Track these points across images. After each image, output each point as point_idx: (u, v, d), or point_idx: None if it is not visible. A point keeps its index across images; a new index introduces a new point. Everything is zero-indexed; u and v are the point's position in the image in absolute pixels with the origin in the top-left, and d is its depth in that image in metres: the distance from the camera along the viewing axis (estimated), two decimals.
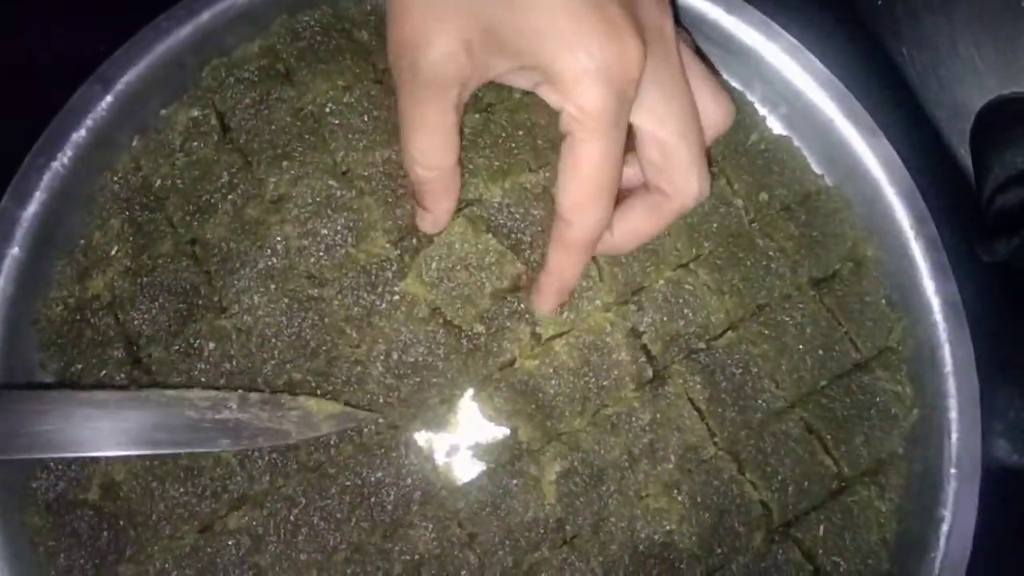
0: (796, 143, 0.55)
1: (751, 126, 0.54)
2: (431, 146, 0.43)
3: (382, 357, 0.48)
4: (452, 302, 0.49)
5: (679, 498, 0.48)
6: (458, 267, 0.48)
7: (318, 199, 0.49)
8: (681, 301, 0.50)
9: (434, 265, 0.48)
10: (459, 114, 0.42)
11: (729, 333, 0.51)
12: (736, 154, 0.53)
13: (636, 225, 0.45)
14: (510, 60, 0.40)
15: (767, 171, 0.54)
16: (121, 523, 0.46)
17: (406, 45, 0.40)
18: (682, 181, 0.43)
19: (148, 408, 0.44)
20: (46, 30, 0.55)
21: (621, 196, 0.45)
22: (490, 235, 0.49)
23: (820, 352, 0.51)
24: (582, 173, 0.40)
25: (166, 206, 0.49)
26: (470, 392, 0.49)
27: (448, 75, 0.40)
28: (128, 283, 0.48)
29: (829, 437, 0.50)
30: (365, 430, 0.47)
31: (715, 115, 0.45)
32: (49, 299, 0.48)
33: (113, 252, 0.48)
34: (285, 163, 0.49)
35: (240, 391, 0.46)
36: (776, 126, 0.56)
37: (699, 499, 0.48)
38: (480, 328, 0.49)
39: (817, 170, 0.55)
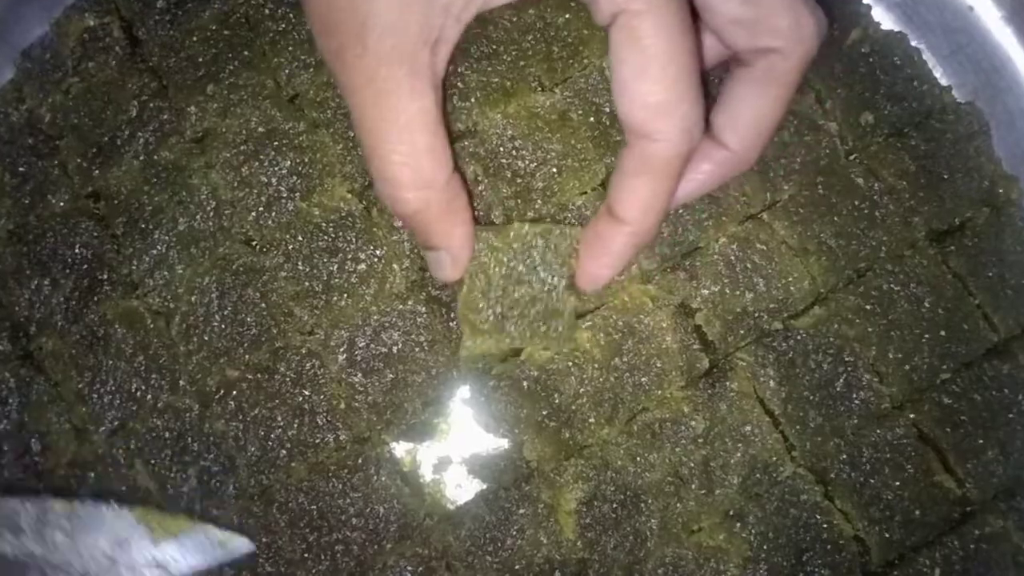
0: (914, 41, 0.48)
1: (850, 19, 0.46)
2: (415, 153, 0.35)
3: (344, 347, 0.42)
4: None
5: (743, 533, 0.42)
6: None
7: (256, 135, 0.43)
8: (749, 266, 0.44)
9: None
10: (440, 93, 0.35)
11: (816, 309, 0.44)
12: (828, 59, 0.45)
13: (754, 115, 0.37)
14: None
15: (872, 82, 0.46)
16: None
17: (341, 7, 0.32)
18: (789, 22, 0.35)
19: None
20: None
21: None
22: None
23: (941, 333, 0.44)
24: (653, 58, 0.33)
25: (59, 149, 0.44)
26: (464, 392, 0.43)
27: (411, 31, 0.33)
28: (11, 252, 0.42)
29: (950, 448, 0.44)
30: (320, 442, 0.41)
31: (804, 27, 0.36)
32: None
33: None
34: (211, 87, 0.43)
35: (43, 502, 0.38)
36: (886, 19, 0.49)
37: (771, 534, 0.42)
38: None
39: (943, 80, 0.48)
